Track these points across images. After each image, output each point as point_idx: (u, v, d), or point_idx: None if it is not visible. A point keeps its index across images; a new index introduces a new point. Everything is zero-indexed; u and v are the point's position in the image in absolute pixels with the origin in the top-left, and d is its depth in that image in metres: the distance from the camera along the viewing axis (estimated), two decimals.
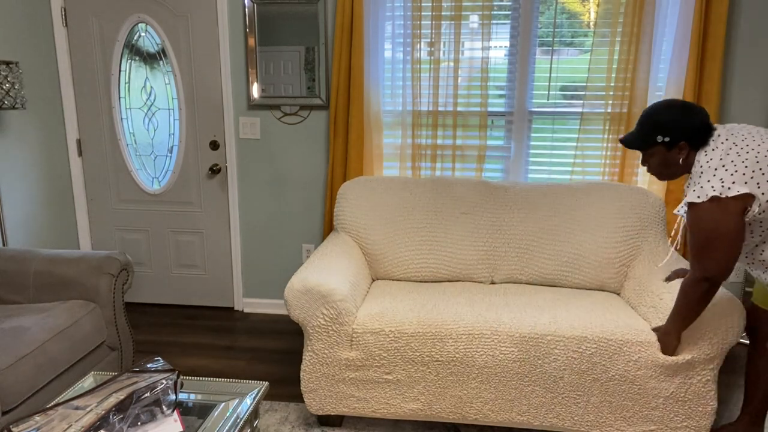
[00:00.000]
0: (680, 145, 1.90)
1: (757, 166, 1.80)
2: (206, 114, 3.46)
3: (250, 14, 3.26)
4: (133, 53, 3.45)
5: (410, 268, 2.81)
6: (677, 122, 1.88)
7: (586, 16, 3.06)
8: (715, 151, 1.86)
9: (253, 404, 1.87)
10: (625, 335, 2.18)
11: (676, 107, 1.91)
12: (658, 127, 1.91)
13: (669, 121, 1.89)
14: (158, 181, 3.61)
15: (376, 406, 2.34)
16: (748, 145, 1.83)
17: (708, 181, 1.82)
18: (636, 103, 2.96)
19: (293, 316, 2.31)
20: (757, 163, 1.80)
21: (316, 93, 3.31)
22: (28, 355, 2.09)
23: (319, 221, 3.51)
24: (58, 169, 3.51)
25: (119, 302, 2.58)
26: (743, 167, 1.80)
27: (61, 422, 1.61)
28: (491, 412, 2.28)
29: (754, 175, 1.80)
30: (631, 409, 2.19)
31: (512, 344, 2.21)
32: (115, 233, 3.71)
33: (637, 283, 2.53)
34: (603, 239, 2.69)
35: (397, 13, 3.12)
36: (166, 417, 1.73)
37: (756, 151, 1.82)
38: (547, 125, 3.20)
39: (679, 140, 1.89)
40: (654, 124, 1.91)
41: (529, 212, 2.80)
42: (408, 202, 2.88)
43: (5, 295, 2.53)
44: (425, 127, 3.17)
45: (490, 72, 3.13)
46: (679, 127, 1.88)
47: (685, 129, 1.88)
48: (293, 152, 3.43)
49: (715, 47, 2.85)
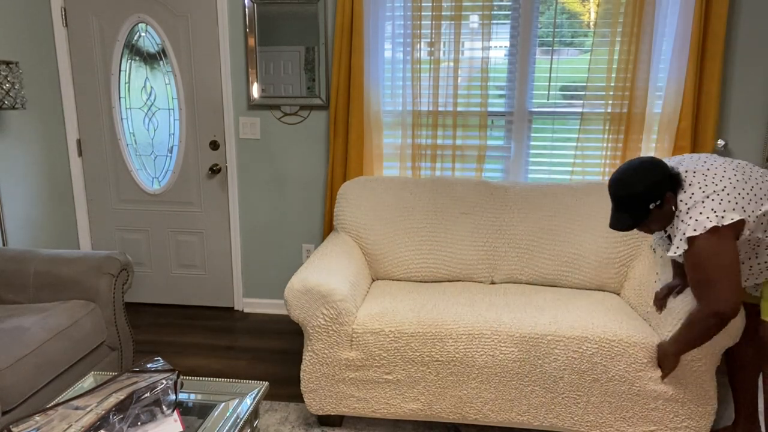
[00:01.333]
0: (667, 198, 1.90)
1: (735, 192, 1.84)
2: (206, 114, 3.46)
3: (250, 14, 3.26)
4: (133, 53, 3.45)
5: (410, 268, 2.81)
6: (655, 182, 1.88)
7: (586, 16, 3.06)
8: (692, 186, 1.88)
9: (253, 404, 1.87)
10: (625, 335, 2.18)
11: (643, 170, 1.89)
12: (645, 197, 1.88)
13: (650, 185, 1.88)
14: (158, 181, 3.61)
15: (376, 406, 2.34)
16: (716, 174, 1.88)
17: (700, 213, 1.84)
18: (636, 103, 2.96)
19: (293, 316, 2.31)
20: (734, 188, 1.85)
21: (316, 93, 3.31)
22: (28, 355, 2.09)
23: (319, 221, 3.51)
24: (58, 169, 3.51)
25: (119, 302, 2.58)
26: (726, 195, 1.84)
27: (61, 422, 1.61)
28: (491, 412, 2.28)
29: (738, 199, 1.84)
30: (631, 409, 2.19)
31: (512, 344, 2.21)
32: (115, 233, 3.71)
33: (637, 283, 2.53)
34: (603, 239, 2.69)
35: (397, 13, 3.12)
36: (166, 417, 1.73)
37: (727, 177, 1.87)
38: (547, 125, 3.20)
39: (664, 194, 1.90)
40: (639, 198, 1.89)
41: (529, 212, 2.80)
42: (408, 202, 2.88)
43: (5, 295, 2.53)
44: (425, 127, 3.17)
45: (490, 72, 3.13)
46: (659, 185, 1.88)
47: (663, 182, 1.89)
48: (293, 152, 3.43)
49: (715, 47, 2.85)
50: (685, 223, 1.87)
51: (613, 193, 1.94)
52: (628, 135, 3.00)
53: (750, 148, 3.03)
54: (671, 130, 2.95)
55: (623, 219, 1.94)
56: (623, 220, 1.94)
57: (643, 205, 1.89)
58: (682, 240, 1.87)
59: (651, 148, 3.04)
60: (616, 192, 1.93)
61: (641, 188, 1.88)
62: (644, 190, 1.88)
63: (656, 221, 1.94)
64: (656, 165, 1.90)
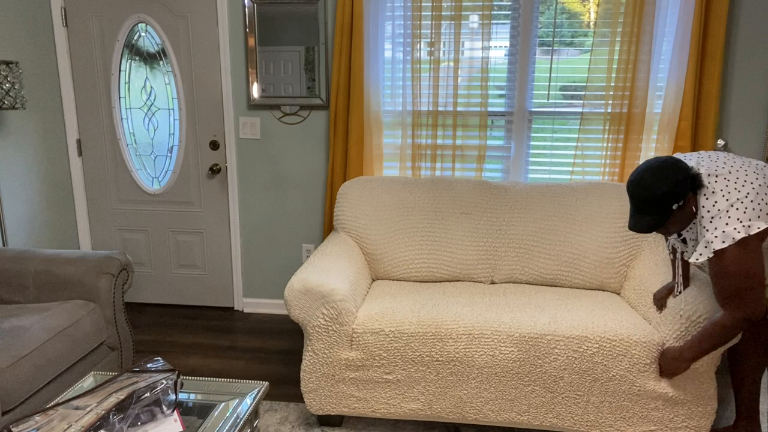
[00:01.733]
0: (688, 199, 1.87)
1: (758, 198, 1.82)
2: (206, 114, 3.46)
3: (250, 14, 3.26)
4: (133, 53, 3.45)
5: (410, 268, 2.81)
6: (678, 181, 1.83)
7: (586, 16, 3.06)
8: (715, 194, 1.84)
9: (253, 404, 1.87)
10: (625, 335, 2.18)
11: (665, 170, 1.84)
12: (668, 198, 1.83)
13: (672, 186, 1.82)
14: (158, 181, 3.61)
15: (376, 406, 2.34)
16: (738, 179, 1.84)
17: (726, 224, 1.81)
18: (636, 103, 2.96)
19: (293, 316, 2.31)
20: (757, 194, 1.82)
21: (316, 93, 3.31)
22: (28, 355, 2.09)
23: (319, 221, 3.51)
24: (58, 169, 3.51)
25: (119, 302, 2.58)
26: (750, 202, 1.80)
27: (61, 422, 1.61)
28: (491, 412, 2.28)
29: (762, 205, 1.81)
30: (631, 409, 2.19)
31: (512, 344, 2.21)
32: (115, 233, 3.71)
33: (637, 283, 2.53)
34: (603, 239, 2.69)
35: (397, 13, 3.12)
36: (166, 417, 1.73)
37: (749, 183, 1.83)
38: (547, 125, 3.20)
39: (686, 195, 1.86)
40: (662, 198, 1.83)
41: (529, 212, 2.80)
42: (408, 202, 2.88)
43: (5, 295, 2.53)
44: (425, 127, 3.17)
45: (490, 72, 3.13)
46: (681, 185, 1.83)
47: (685, 182, 1.84)
48: (293, 152, 3.43)
49: (715, 47, 2.85)
50: (712, 233, 1.83)
51: (634, 194, 1.87)
52: (628, 135, 3.00)
53: (750, 148, 3.03)
54: (671, 130, 2.95)
55: (644, 221, 1.88)
56: (644, 222, 1.88)
57: (666, 206, 1.84)
58: (708, 248, 1.84)
59: (651, 148, 3.04)
60: (638, 193, 1.86)
61: (665, 189, 1.82)
62: (667, 190, 1.82)
63: (677, 223, 1.90)
64: (677, 164, 1.85)
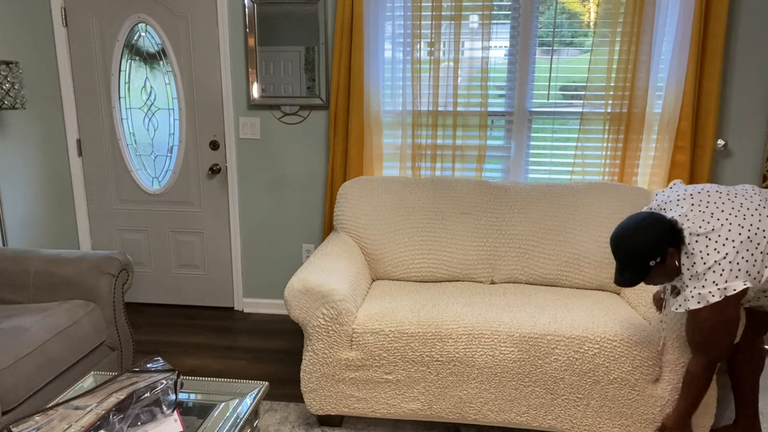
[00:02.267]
0: (670, 253, 1.88)
1: (739, 256, 1.81)
2: (206, 114, 3.46)
3: (250, 14, 3.26)
4: (133, 53, 3.45)
5: (410, 268, 2.81)
6: (654, 240, 1.86)
7: (586, 16, 3.06)
8: (695, 255, 1.84)
9: (253, 404, 1.87)
10: (626, 335, 2.18)
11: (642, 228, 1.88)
12: (644, 256, 1.87)
13: (647, 245, 1.86)
14: (158, 181, 3.61)
15: (376, 406, 2.34)
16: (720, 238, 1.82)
17: (703, 286, 1.82)
18: (636, 103, 2.96)
19: (293, 316, 2.31)
20: (737, 253, 1.81)
21: (316, 93, 3.31)
22: (28, 355, 2.09)
23: (319, 221, 3.51)
24: (58, 169, 3.51)
25: (119, 302, 2.58)
26: (728, 264, 1.80)
27: (61, 422, 1.61)
28: (491, 412, 2.28)
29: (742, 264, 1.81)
30: (630, 417, 2.19)
31: (512, 344, 2.21)
32: (115, 233, 3.71)
33: None
34: (603, 239, 2.69)
35: (397, 13, 3.12)
36: (166, 417, 1.73)
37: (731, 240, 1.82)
38: (547, 125, 3.20)
39: (665, 251, 1.88)
40: (638, 256, 1.87)
41: (529, 212, 2.80)
42: (408, 202, 2.88)
43: (5, 295, 2.53)
44: (425, 127, 3.17)
45: (490, 72, 3.13)
46: (658, 243, 1.86)
47: (662, 239, 1.86)
48: (293, 152, 3.43)
49: (715, 47, 2.85)
50: (689, 291, 1.86)
51: (613, 250, 1.94)
52: (628, 135, 3.00)
53: (750, 148, 3.03)
54: (671, 130, 2.95)
55: (625, 276, 1.93)
56: (625, 277, 1.93)
57: (644, 263, 1.88)
58: (683, 305, 1.88)
59: (651, 147, 3.04)
60: (616, 251, 1.93)
61: (640, 247, 1.86)
62: (642, 248, 1.86)
63: (659, 276, 1.93)
64: (655, 221, 1.88)
